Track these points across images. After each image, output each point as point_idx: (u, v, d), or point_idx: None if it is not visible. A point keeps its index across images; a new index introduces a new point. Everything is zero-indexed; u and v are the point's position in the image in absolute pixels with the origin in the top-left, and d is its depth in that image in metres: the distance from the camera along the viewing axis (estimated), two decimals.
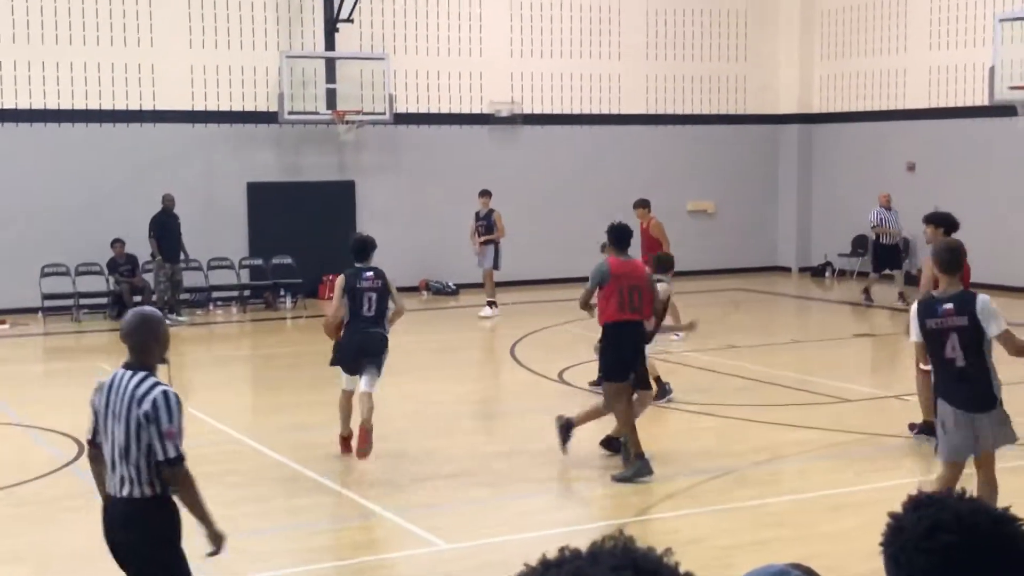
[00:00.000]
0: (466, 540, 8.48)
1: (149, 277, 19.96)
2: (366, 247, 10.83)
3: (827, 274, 25.46)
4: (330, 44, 21.85)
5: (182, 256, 19.94)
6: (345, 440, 10.79)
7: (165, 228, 19.55)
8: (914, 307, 7.61)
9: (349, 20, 21.81)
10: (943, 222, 10.49)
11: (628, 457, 9.82)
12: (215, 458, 10.85)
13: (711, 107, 25.74)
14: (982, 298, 7.41)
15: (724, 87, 25.86)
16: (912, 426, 11.00)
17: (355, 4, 21.76)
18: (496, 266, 19.94)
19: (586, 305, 10.23)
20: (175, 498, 5.46)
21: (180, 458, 5.31)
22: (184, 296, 20.33)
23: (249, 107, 21.68)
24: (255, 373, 16.23)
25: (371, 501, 9.46)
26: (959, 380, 7.37)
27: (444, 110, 23.27)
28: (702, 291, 19.69)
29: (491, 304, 19.73)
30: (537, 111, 24.03)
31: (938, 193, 22.89)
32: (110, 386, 5.42)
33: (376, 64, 21.91)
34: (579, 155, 24.31)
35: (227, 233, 21.44)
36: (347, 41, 22.06)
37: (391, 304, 10.62)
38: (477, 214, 20.50)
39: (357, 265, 10.65)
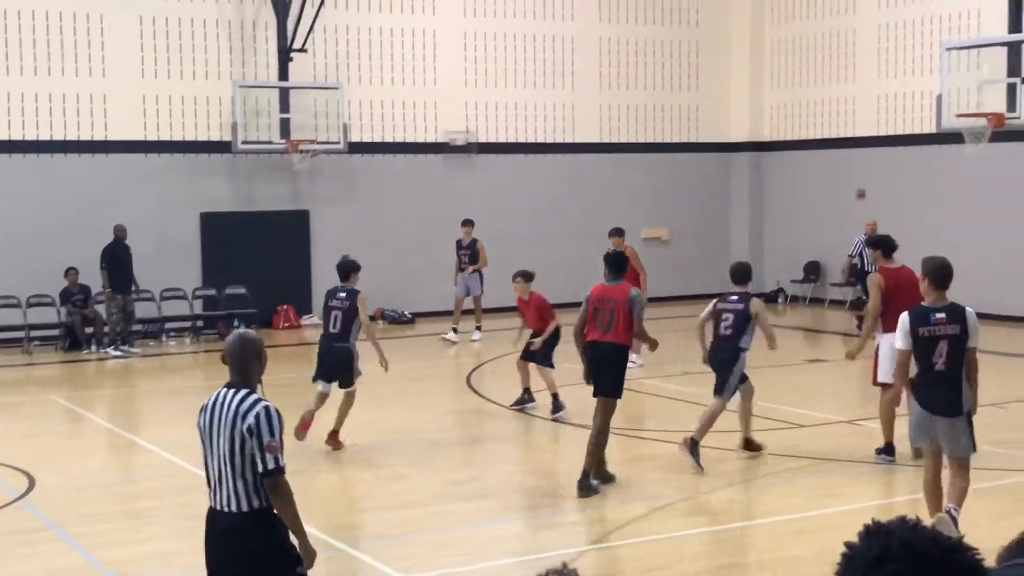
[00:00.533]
0: (424, 572, 8.43)
1: (101, 308, 19.78)
2: (343, 268, 12.24)
3: (780, 300, 25.66)
4: (284, 74, 21.82)
5: (133, 287, 19.78)
6: (304, 423, 11.86)
7: (116, 259, 19.39)
8: (905, 316, 8.19)
9: (303, 50, 21.80)
10: (881, 244, 11.47)
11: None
12: (168, 491, 10.75)
13: (664, 135, 25.94)
14: (970, 311, 8.20)
15: (677, 116, 26.07)
16: (879, 450, 11.30)
17: (309, 33, 21.76)
18: (480, 292, 20.49)
19: (579, 333, 10.54)
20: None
21: (280, 470, 5.51)
22: (136, 327, 20.15)
23: (202, 137, 21.59)
24: None
25: (327, 534, 9.38)
26: (936, 385, 8.13)
27: (399, 139, 23.30)
28: (657, 318, 19.68)
29: (478, 328, 20.39)
30: (491, 140, 24.11)
31: (888, 219, 23.19)
32: (213, 405, 5.62)
33: (330, 93, 21.90)
34: (533, 184, 24.40)
35: (180, 263, 21.31)
36: (301, 70, 22.04)
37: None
38: (459, 243, 20.73)
39: (337, 285, 12.06)
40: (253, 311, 21.16)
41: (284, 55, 21.78)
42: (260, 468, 5.45)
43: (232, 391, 5.60)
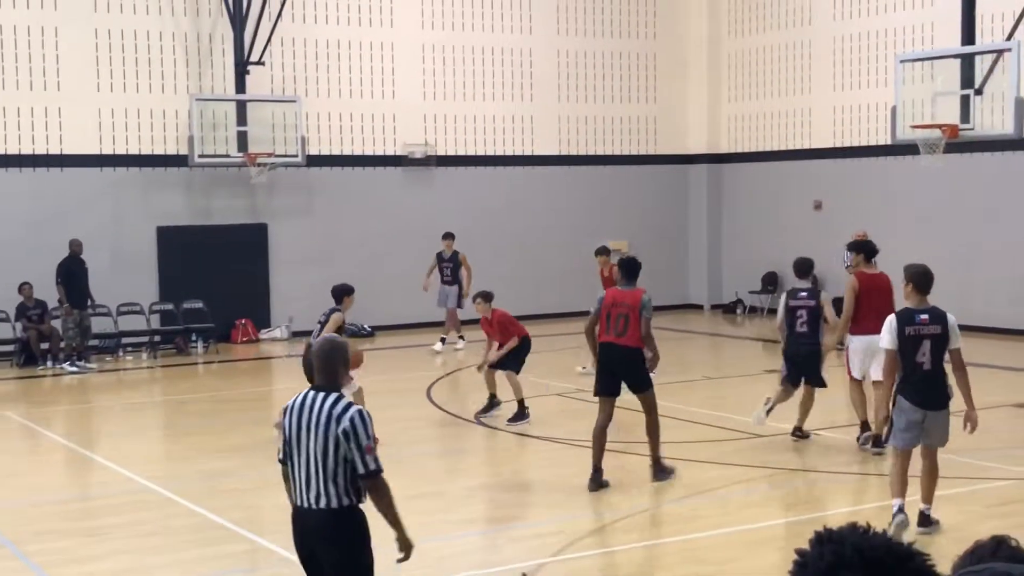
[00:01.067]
0: None
1: (57, 323, 19.58)
2: (334, 292, 13.47)
3: (738, 311, 25.80)
4: (241, 87, 21.73)
5: (89, 302, 19.60)
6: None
7: (72, 274, 19.22)
8: (892, 318, 8.95)
9: (260, 63, 21.72)
10: (864, 248, 12.49)
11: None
12: (125, 508, 10.65)
13: (622, 148, 26.04)
14: (950, 315, 9.01)
15: (635, 128, 26.18)
16: (859, 438, 12.19)
17: (266, 46, 21.69)
18: (460, 304, 20.44)
19: (590, 332, 11.24)
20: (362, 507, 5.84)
21: (380, 470, 5.75)
22: (93, 342, 19.97)
23: (158, 150, 21.45)
24: (166, 420, 15.96)
25: (285, 548, 9.31)
26: (924, 381, 8.82)
27: (357, 152, 23.25)
28: None
29: (461, 338, 20.50)
30: (450, 152, 24.11)
31: (845, 229, 23.38)
32: (301, 407, 5.77)
33: (288, 106, 21.82)
34: (493, 196, 24.41)
35: (137, 278, 21.15)
36: (258, 83, 21.95)
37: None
38: (440, 256, 20.86)
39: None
40: (211, 325, 21.03)
41: (241, 68, 21.68)
42: (360, 470, 5.66)
43: (321, 394, 5.75)
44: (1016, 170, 20.84)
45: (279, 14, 21.76)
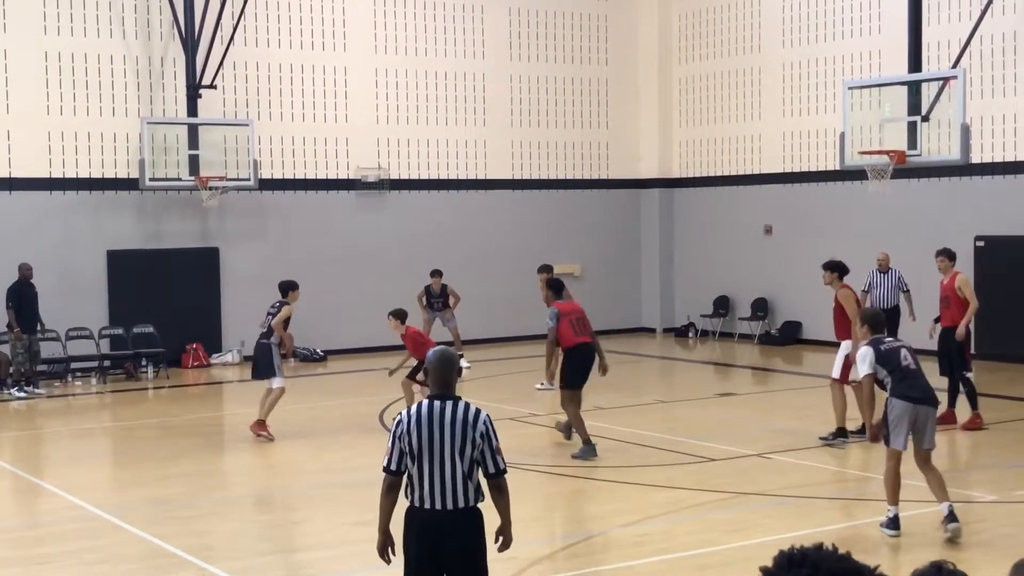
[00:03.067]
0: None
1: (6, 348, 19.36)
2: (281, 287, 15.22)
3: (690, 335, 25.95)
4: (192, 110, 21.65)
5: (39, 327, 19.41)
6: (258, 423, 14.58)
7: (22, 298, 19.03)
8: (863, 349, 9.73)
9: (212, 86, 21.66)
10: (837, 268, 13.87)
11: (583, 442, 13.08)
12: (73, 535, 10.54)
13: (575, 172, 26.18)
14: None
15: (587, 153, 26.33)
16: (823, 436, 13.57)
17: (218, 70, 21.64)
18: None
19: (554, 343, 13.60)
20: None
21: (506, 469, 6.17)
22: (42, 367, 19.76)
23: (109, 174, 21.32)
24: (115, 446, 15.80)
25: (238, 575, 9.27)
26: (911, 378, 9.59)
27: (310, 176, 23.22)
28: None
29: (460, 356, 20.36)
30: (403, 176, 24.13)
31: (793, 254, 23.61)
32: (430, 416, 6.05)
33: (240, 130, 21.77)
34: (445, 220, 24.45)
35: (86, 302, 20.97)
36: (210, 107, 21.89)
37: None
38: (429, 290, 20.99)
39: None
40: (161, 350, 20.87)
41: (193, 91, 21.61)
42: (491, 469, 6.06)
43: (448, 402, 6.09)
44: (962, 195, 21.16)
45: (231, 38, 21.73)
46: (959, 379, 14.73)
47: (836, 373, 13.88)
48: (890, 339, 9.94)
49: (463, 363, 20.13)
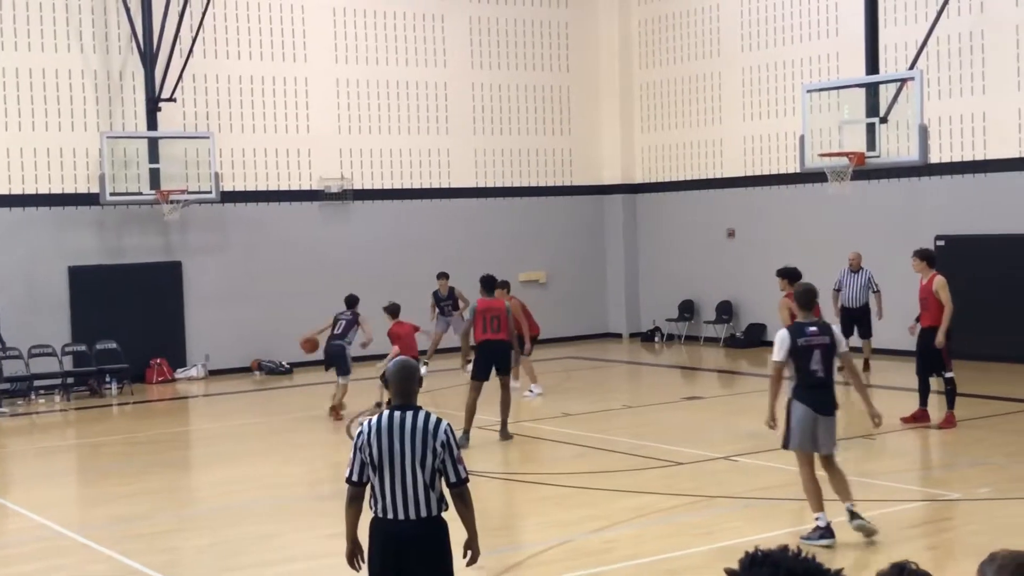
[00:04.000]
0: None
1: None
2: (349, 300, 17.52)
3: (656, 339, 26.03)
4: (152, 123, 21.52)
5: (0, 344, 19.22)
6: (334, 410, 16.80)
7: None
8: (784, 332, 9.85)
9: (172, 99, 21.54)
10: (789, 275, 14.10)
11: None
12: (39, 554, 10.44)
13: (538, 179, 26.22)
14: (835, 326, 10.22)
15: (550, 160, 26.38)
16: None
17: (177, 83, 21.53)
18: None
19: (465, 336, 15.08)
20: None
21: (468, 478, 6.17)
22: (4, 386, 19.57)
23: (69, 189, 21.16)
24: (80, 464, 15.67)
25: None
26: (817, 387, 9.69)
27: (272, 187, 23.13)
28: (535, 360, 19.87)
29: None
30: (367, 187, 24.09)
31: (756, 256, 23.74)
32: (388, 426, 6.06)
33: (201, 143, 21.66)
34: (410, 230, 24.42)
35: (48, 319, 20.79)
36: (170, 120, 21.77)
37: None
38: (436, 295, 21.16)
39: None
40: (125, 366, 20.72)
41: (152, 105, 21.49)
42: (453, 478, 6.06)
43: (409, 412, 6.11)
44: (922, 196, 21.33)
45: (190, 50, 21.62)
46: (943, 380, 14.81)
47: None
48: (813, 329, 9.75)
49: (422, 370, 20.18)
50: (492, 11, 25.57)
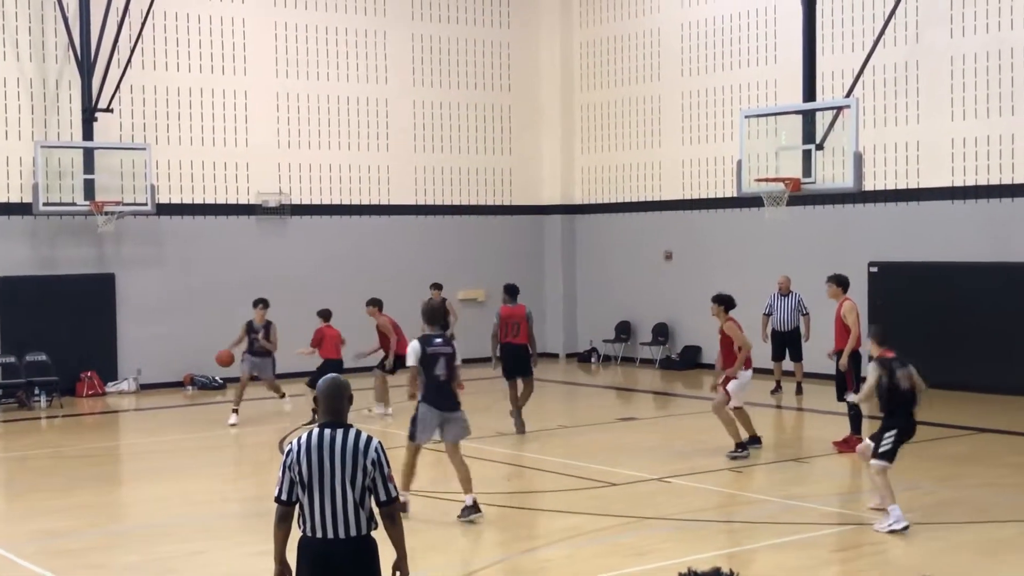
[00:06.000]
0: None
1: None
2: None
3: (593, 360, 26.10)
4: (88, 134, 21.27)
5: None
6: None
7: None
8: (415, 343, 11.41)
9: (108, 110, 21.31)
10: (724, 301, 14.51)
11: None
12: None
13: (478, 198, 26.24)
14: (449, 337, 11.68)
15: (490, 179, 26.42)
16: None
17: (115, 93, 21.30)
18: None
19: (495, 339, 16.64)
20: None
21: (398, 496, 6.13)
22: None
23: (2, 198, 20.85)
24: (6, 477, 15.38)
25: None
26: (440, 390, 11.33)
27: (209, 200, 22.94)
28: (472, 379, 19.82)
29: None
30: (305, 202, 23.96)
31: (693, 280, 23.91)
32: (319, 444, 6.00)
33: (137, 154, 21.43)
34: (348, 245, 24.32)
35: None
36: (106, 131, 21.53)
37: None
38: (251, 325, 20.43)
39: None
40: (55, 379, 20.40)
41: (89, 115, 21.24)
42: (383, 497, 6.02)
43: (338, 430, 6.04)
44: (856, 222, 21.61)
45: (129, 60, 21.42)
46: (846, 404, 14.65)
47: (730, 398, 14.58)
48: (439, 340, 11.32)
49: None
50: (435, 29, 25.60)
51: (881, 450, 10.96)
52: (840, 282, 15.19)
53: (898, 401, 10.99)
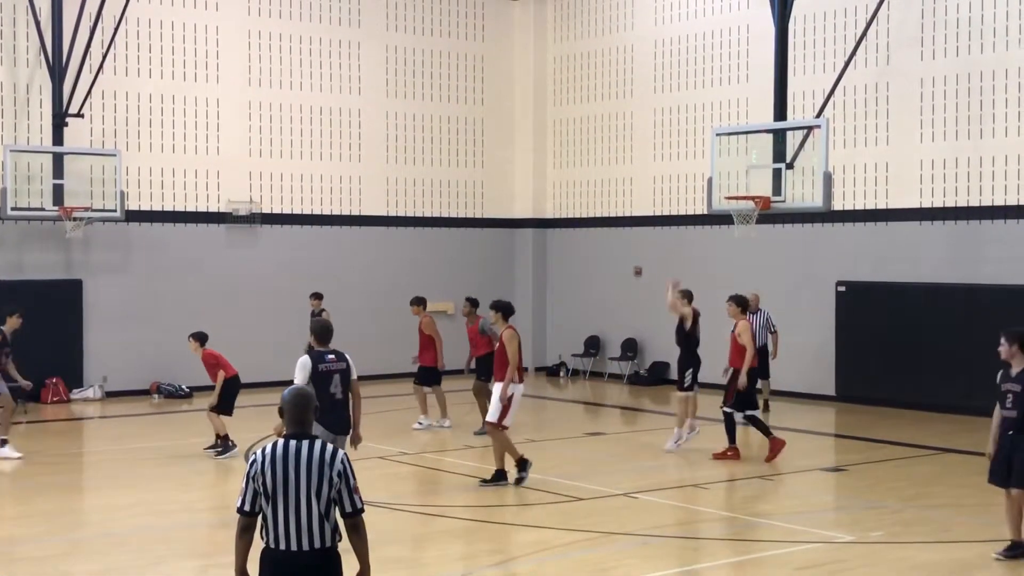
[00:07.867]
0: None
1: None
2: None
3: (561, 374, 26.12)
4: (58, 138, 21.14)
5: None
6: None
7: None
8: (306, 358, 10.47)
9: (79, 115, 21.20)
10: (503, 308, 14.92)
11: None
12: None
13: (449, 211, 26.24)
14: (348, 355, 10.70)
15: (462, 192, 26.43)
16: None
17: (86, 99, 21.19)
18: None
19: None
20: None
21: (364, 508, 6.06)
22: None
23: None
24: None
25: None
26: (335, 409, 10.42)
27: (179, 208, 22.84)
28: (449, 390, 19.77)
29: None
30: (276, 211, 23.89)
31: (663, 295, 23.94)
32: (284, 455, 5.95)
33: (107, 160, 21.32)
34: (318, 255, 24.26)
35: None
36: (76, 136, 21.41)
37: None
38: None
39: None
40: (19, 385, 20.18)
41: (59, 120, 21.12)
42: (349, 508, 5.96)
43: (304, 441, 6.00)
44: (824, 242, 21.73)
45: (100, 66, 21.32)
46: (742, 416, 15.57)
47: (492, 417, 13.67)
48: (332, 356, 10.52)
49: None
50: (408, 41, 25.61)
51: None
52: (740, 303, 15.97)
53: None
